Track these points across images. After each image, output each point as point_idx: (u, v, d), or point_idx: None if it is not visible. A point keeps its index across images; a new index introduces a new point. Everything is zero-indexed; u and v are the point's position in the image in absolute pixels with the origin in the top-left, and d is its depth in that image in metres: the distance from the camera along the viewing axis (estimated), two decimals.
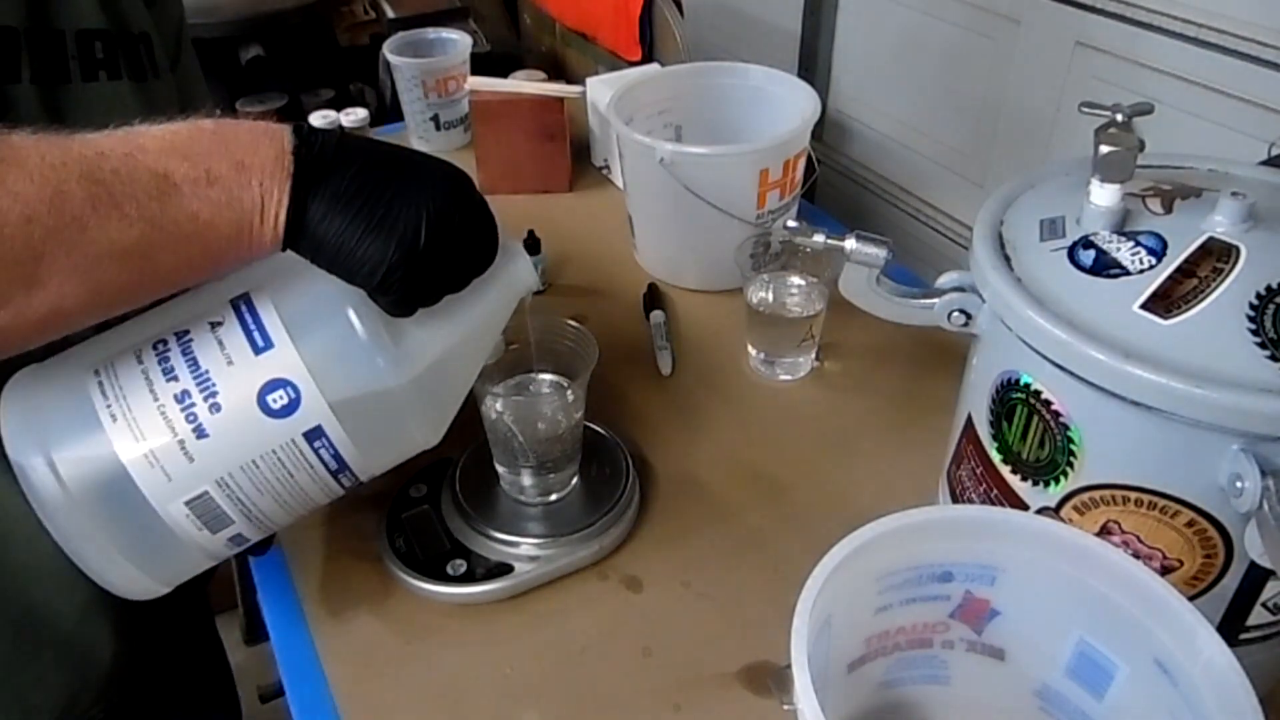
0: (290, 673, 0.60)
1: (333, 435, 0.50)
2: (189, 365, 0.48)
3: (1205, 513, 0.45)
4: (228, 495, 0.49)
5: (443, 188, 0.47)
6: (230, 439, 0.48)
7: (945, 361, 0.82)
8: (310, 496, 0.53)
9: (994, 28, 0.92)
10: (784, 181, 0.89)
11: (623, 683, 0.59)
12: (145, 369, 0.48)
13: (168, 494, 0.48)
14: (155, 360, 0.48)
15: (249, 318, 0.49)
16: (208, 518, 0.50)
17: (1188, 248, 0.46)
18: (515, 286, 0.55)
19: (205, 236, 0.43)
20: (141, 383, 0.48)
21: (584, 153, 1.18)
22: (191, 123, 0.44)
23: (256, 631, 1.47)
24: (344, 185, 0.45)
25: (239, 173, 0.43)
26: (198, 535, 0.50)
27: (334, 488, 0.54)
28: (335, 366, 0.49)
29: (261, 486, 0.50)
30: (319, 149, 0.45)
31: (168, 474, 0.48)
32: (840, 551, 0.43)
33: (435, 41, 1.23)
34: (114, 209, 0.41)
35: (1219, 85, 0.73)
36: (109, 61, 0.59)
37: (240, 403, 0.48)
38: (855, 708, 0.53)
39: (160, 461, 0.48)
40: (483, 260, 0.50)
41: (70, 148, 0.41)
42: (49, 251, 0.40)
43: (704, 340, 0.88)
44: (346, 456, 0.51)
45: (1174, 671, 0.41)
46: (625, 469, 0.69)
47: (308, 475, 0.51)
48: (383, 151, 0.47)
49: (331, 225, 0.45)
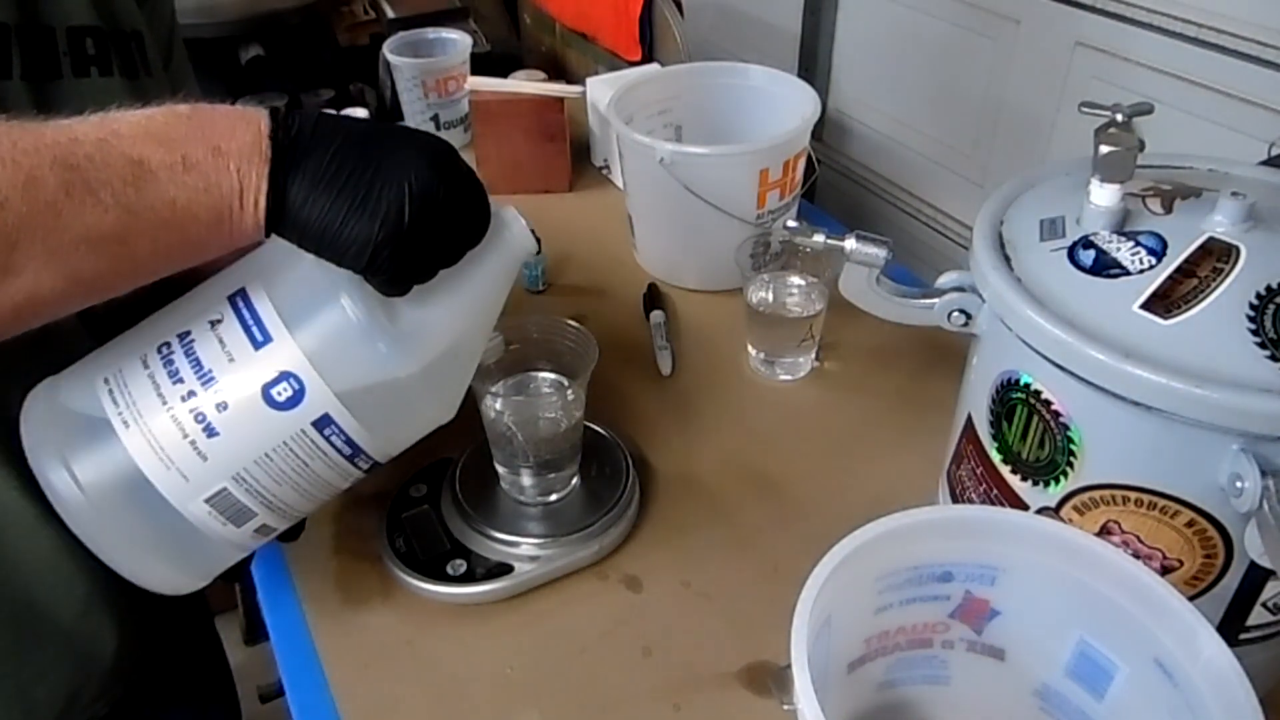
0: (290, 673, 0.60)
1: (342, 422, 0.50)
2: (193, 366, 0.48)
3: (1205, 513, 0.45)
4: (246, 489, 0.50)
5: (425, 160, 0.45)
6: (241, 435, 0.48)
7: (945, 361, 0.82)
8: (329, 482, 0.53)
9: (994, 27, 0.92)
10: (784, 181, 0.89)
11: (623, 683, 0.59)
12: (151, 373, 0.48)
13: (187, 494, 0.48)
14: (160, 363, 0.48)
15: (246, 313, 0.49)
16: (230, 512, 0.50)
17: (1188, 248, 0.46)
18: (514, 252, 0.54)
19: (183, 223, 0.43)
20: (149, 387, 0.48)
21: (584, 153, 1.18)
22: (168, 109, 0.44)
23: (256, 631, 1.47)
24: (323, 166, 0.44)
25: (216, 158, 0.43)
26: (223, 530, 0.51)
27: (352, 472, 0.53)
28: (336, 354, 0.49)
29: (279, 478, 0.50)
30: (296, 131, 0.44)
31: (184, 475, 0.48)
32: (840, 551, 0.43)
33: (435, 41, 1.23)
34: (89, 195, 0.40)
35: (1219, 85, 0.73)
36: (100, 58, 0.59)
37: (246, 399, 0.48)
38: (855, 708, 0.53)
39: (175, 463, 0.48)
40: (474, 231, 0.49)
41: (44, 134, 0.40)
42: (23, 239, 0.39)
43: (704, 340, 0.88)
44: (359, 441, 0.51)
45: (1174, 671, 0.41)
46: (625, 469, 0.69)
47: (323, 463, 0.51)
48: (362, 128, 0.46)
49: (314, 208, 0.44)
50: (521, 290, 0.95)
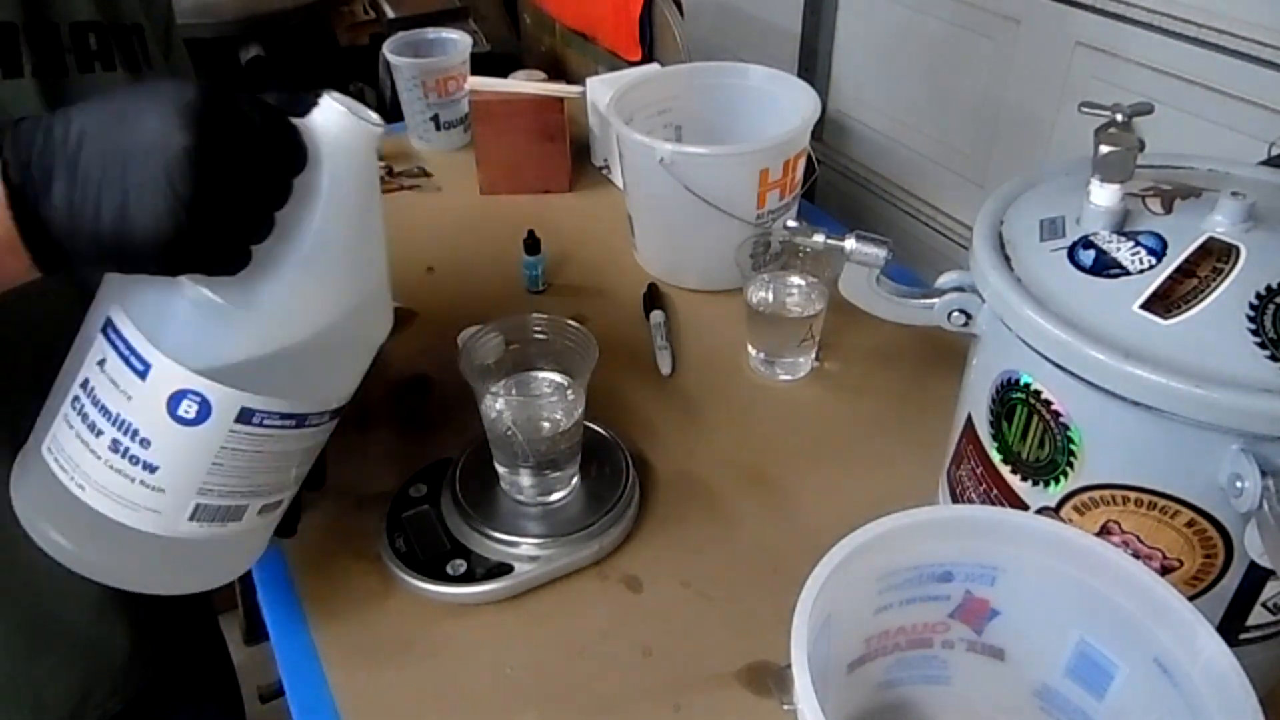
0: (290, 673, 0.60)
1: (265, 406, 0.47)
2: (103, 415, 0.46)
3: (1205, 513, 0.45)
4: (220, 495, 0.49)
5: (176, 123, 0.39)
6: (179, 460, 0.47)
7: (945, 361, 0.82)
8: (301, 449, 0.52)
9: (994, 27, 0.92)
10: (784, 181, 0.89)
11: (623, 683, 0.59)
12: (77, 432, 0.47)
13: (168, 523, 0.48)
14: (79, 420, 0.47)
15: (120, 344, 0.46)
16: (221, 516, 0.50)
17: (1188, 248, 0.46)
18: (351, 146, 0.46)
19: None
20: (80, 446, 0.47)
21: (584, 153, 1.18)
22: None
23: (256, 631, 1.47)
24: (73, 181, 0.39)
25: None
26: (226, 530, 0.51)
27: (313, 434, 0.52)
28: (215, 350, 0.45)
29: (244, 473, 0.49)
30: (28, 155, 0.39)
31: (154, 510, 0.48)
32: (840, 551, 0.43)
33: (435, 41, 1.23)
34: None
35: (1219, 85, 0.73)
36: (103, 53, 0.60)
37: (162, 429, 0.46)
38: (855, 708, 0.53)
39: (139, 505, 0.47)
40: (282, 162, 0.43)
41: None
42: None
43: (704, 340, 0.88)
44: (297, 409, 0.49)
45: (1174, 671, 0.41)
46: (625, 469, 0.69)
47: (276, 442, 0.49)
48: (99, 115, 0.40)
49: (80, 233, 0.39)
50: (522, 290, 0.95)
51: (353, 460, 0.74)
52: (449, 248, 1.02)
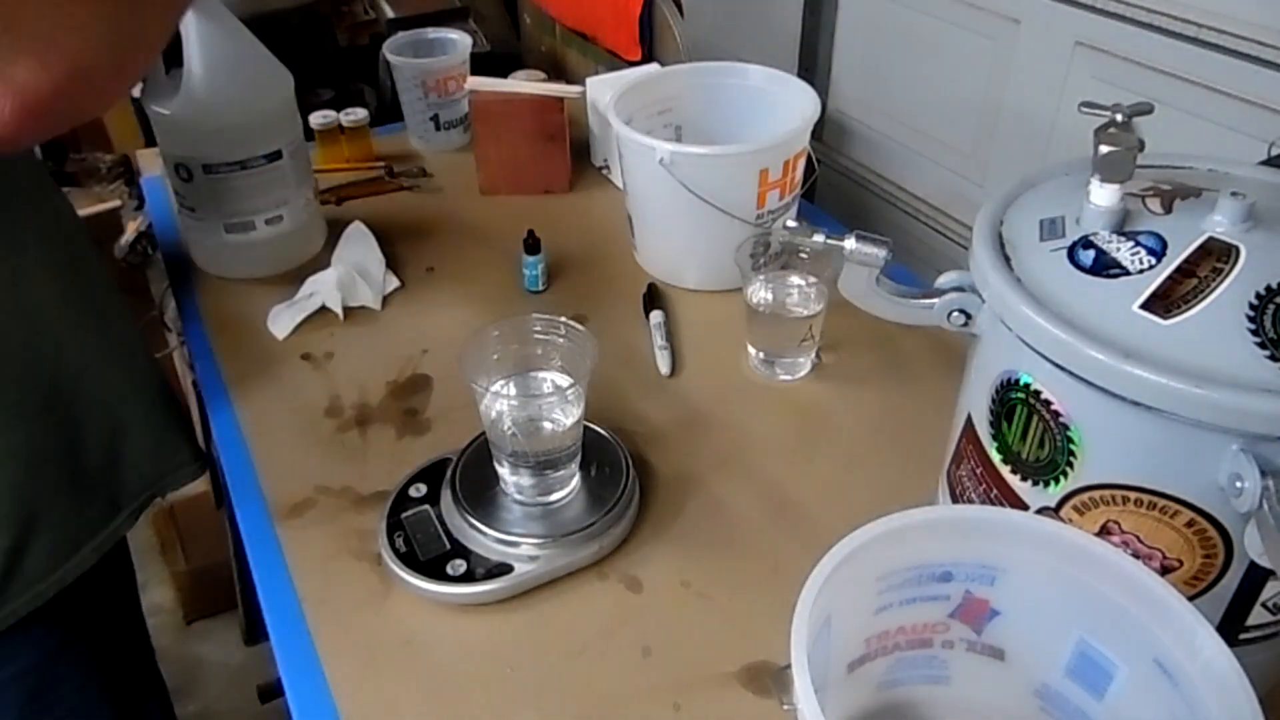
0: (290, 673, 0.60)
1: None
2: None
3: (1205, 513, 0.45)
4: None
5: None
6: None
7: (945, 361, 0.82)
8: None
9: (994, 27, 0.92)
10: (784, 181, 0.89)
11: (622, 682, 0.59)
12: None
13: None
14: None
15: None
16: None
17: (1188, 248, 0.46)
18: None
19: None
20: None
21: (584, 153, 1.18)
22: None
23: (256, 631, 1.47)
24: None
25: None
26: None
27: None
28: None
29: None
30: None
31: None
32: (840, 551, 0.43)
33: (435, 41, 1.23)
34: None
35: (1219, 85, 0.73)
36: None
37: None
38: (855, 708, 0.53)
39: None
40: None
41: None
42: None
43: (704, 340, 0.88)
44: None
45: (1174, 671, 0.41)
46: (625, 469, 0.69)
47: None
48: None
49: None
50: (522, 290, 0.95)
51: (353, 460, 0.74)
52: (449, 248, 1.02)
